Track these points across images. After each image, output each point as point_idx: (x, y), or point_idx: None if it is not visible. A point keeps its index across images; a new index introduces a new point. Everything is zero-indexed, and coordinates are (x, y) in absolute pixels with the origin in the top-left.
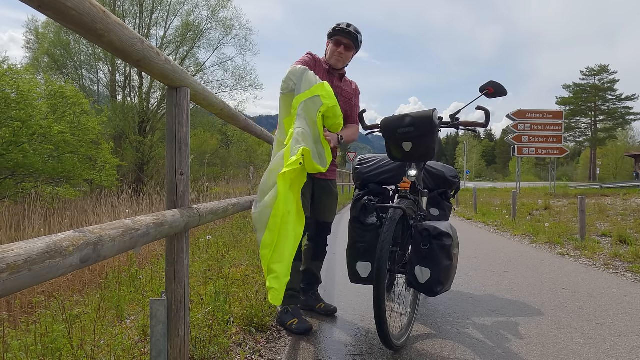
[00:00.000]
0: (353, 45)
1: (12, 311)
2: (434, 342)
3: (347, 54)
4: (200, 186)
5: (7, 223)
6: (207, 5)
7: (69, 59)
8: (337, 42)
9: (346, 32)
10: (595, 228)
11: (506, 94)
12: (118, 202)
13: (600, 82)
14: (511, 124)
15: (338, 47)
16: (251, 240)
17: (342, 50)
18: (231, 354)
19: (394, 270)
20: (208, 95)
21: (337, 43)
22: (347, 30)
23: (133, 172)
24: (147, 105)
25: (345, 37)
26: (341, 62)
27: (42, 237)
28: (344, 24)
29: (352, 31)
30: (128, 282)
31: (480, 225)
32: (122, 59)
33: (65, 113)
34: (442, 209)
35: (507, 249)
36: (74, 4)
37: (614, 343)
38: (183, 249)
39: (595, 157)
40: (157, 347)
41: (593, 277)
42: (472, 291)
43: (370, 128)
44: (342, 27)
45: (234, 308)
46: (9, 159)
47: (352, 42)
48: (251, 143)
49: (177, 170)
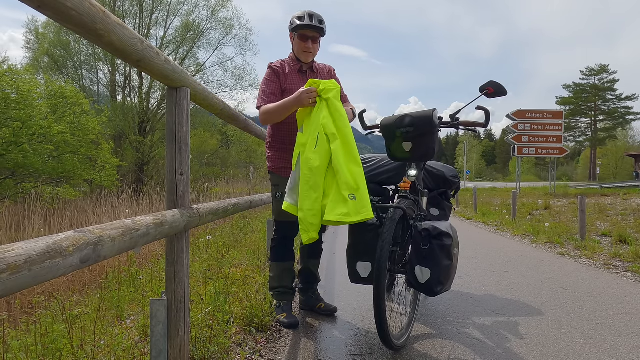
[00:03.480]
0: (319, 36)
1: (12, 311)
2: (434, 342)
3: (315, 46)
4: (200, 186)
5: (7, 223)
6: (207, 6)
7: (68, 59)
8: (303, 37)
9: (310, 26)
10: (595, 228)
11: (506, 94)
12: (118, 202)
13: (600, 82)
14: (511, 124)
15: (305, 42)
16: (251, 240)
17: (310, 45)
18: (231, 354)
19: (394, 270)
20: (208, 95)
21: (303, 38)
22: (311, 24)
23: (133, 172)
24: (147, 105)
25: (311, 30)
26: (311, 56)
27: (42, 238)
28: (305, 16)
29: (315, 24)
30: (128, 282)
31: (480, 225)
32: (122, 59)
33: (65, 113)
34: (442, 209)
35: (507, 249)
36: (74, 4)
37: (614, 343)
38: (183, 249)
39: (595, 157)
40: (157, 347)
41: (593, 277)
42: (472, 291)
43: (370, 128)
44: (306, 23)
45: (234, 308)
46: (9, 159)
47: (318, 33)
48: (251, 143)
49: (177, 170)
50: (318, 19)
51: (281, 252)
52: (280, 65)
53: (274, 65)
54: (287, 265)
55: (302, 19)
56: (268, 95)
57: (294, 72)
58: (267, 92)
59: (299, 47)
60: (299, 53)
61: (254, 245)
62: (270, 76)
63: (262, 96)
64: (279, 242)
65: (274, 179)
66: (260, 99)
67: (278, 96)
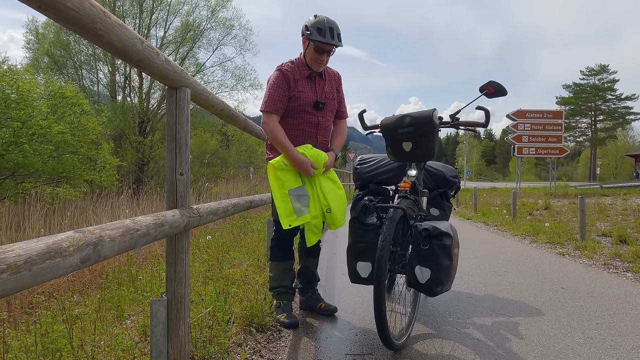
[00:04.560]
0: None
1: (12, 311)
2: (434, 342)
3: (328, 57)
4: (200, 186)
5: (7, 223)
6: (207, 6)
7: (68, 59)
8: (319, 50)
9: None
10: (596, 228)
11: (506, 94)
12: (118, 202)
13: (600, 81)
14: (511, 124)
15: (320, 55)
16: (251, 240)
17: (325, 57)
18: (231, 354)
19: (394, 270)
20: (208, 96)
21: (319, 50)
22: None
23: (133, 172)
24: (147, 105)
25: (329, 45)
26: (323, 66)
27: (42, 238)
28: (326, 30)
29: (336, 42)
30: (128, 283)
31: (480, 225)
32: (122, 59)
33: (65, 113)
34: (442, 209)
35: (507, 249)
36: (74, 4)
37: (614, 343)
38: (183, 249)
39: (595, 157)
40: (157, 347)
41: (593, 276)
42: (472, 291)
43: (370, 128)
44: (326, 40)
45: (234, 308)
46: (9, 159)
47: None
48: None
49: (177, 170)
50: (337, 33)
51: (281, 251)
52: (290, 70)
53: (285, 68)
54: (287, 265)
55: (322, 34)
56: (275, 102)
57: (303, 79)
58: (274, 97)
59: (312, 56)
60: (311, 62)
61: (254, 245)
62: (279, 81)
63: (269, 101)
64: (279, 242)
65: None
66: (267, 103)
67: (285, 103)
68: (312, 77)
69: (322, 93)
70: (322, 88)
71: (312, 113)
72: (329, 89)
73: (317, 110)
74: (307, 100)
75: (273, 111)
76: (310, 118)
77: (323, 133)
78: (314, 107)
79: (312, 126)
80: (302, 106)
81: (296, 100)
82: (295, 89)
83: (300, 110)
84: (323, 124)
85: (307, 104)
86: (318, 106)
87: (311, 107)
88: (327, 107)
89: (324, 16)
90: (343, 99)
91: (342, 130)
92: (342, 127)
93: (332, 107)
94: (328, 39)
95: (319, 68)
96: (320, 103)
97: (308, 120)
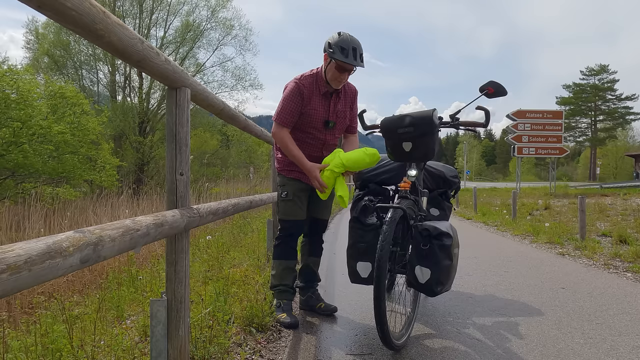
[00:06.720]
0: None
1: (12, 311)
2: (434, 342)
3: (349, 75)
4: (200, 186)
5: (7, 223)
6: (207, 6)
7: (68, 60)
8: (341, 69)
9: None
10: (596, 228)
11: (506, 94)
12: (118, 202)
13: (600, 82)
14: (511, 124)
15: (341, 74)
16: (251, 241)
17: (345, 76)
18: (231, 354)
19: (394, 270)
20: (208, 96)
21: (341, 70)
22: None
23: (133, 172)
24: (147, 105)
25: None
26: (342, 84)
27: (42, 238)
28: (349, 51)
29: (358, 63)
30: (128, 283)
31: (480, 225)
32: (122, 59)
33: (65, 113)
34: (442, 209)
35: (507, 249)
36: (74, 4)
37: (614, 343)
38: (183, 249)
39: (595, 157)
40: (157, 347)
41: (593, 276)
42: (472, 291)
43: (370, 128)
44: (349, 61)
45: (234, 308)
46: (9, 159)
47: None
48: (251, 143)
49: (177, 170)
50: (360, 53)
51: (284, 250)
52: (307, 85)
53: (301, 83)
54: (289, 264)
55: (345, 53)
56: (287, 114)
57: (318, 95)
58: (286, 110)
59: (333, 74)
60: (331, 80)
61: (254, 245)
62: (294, 94)
63: (281, 113)
64: (283, 240)
65: (281, 179)
66: (279, 115)
67: (296, 117)
68: (328, 94)
69: (334, 111)
70: (335, 106)
71: (321, 130)
72: (342, 107)
73: (326, 128)
74: (317, 117)
75: (283, 124)
76: (318, 134)
77: (328, 149)
78: (323, 126)
79: (318, 141)
80: (312, 123)
81: (307, 117)
82: (309, 105)
83: (309, 126)
84: (330, 141)
85: (317, 121)
86: (328, 125)
87: (321, 124)
88: (337, 126)
89: (347, 34)
90: (355, 116)
91: (354, 145)
92: (353, 143)
93: (342, 125)
94: (350, 59)
95: (338, 85)
96: (331, 122)
97: (316, 136)
